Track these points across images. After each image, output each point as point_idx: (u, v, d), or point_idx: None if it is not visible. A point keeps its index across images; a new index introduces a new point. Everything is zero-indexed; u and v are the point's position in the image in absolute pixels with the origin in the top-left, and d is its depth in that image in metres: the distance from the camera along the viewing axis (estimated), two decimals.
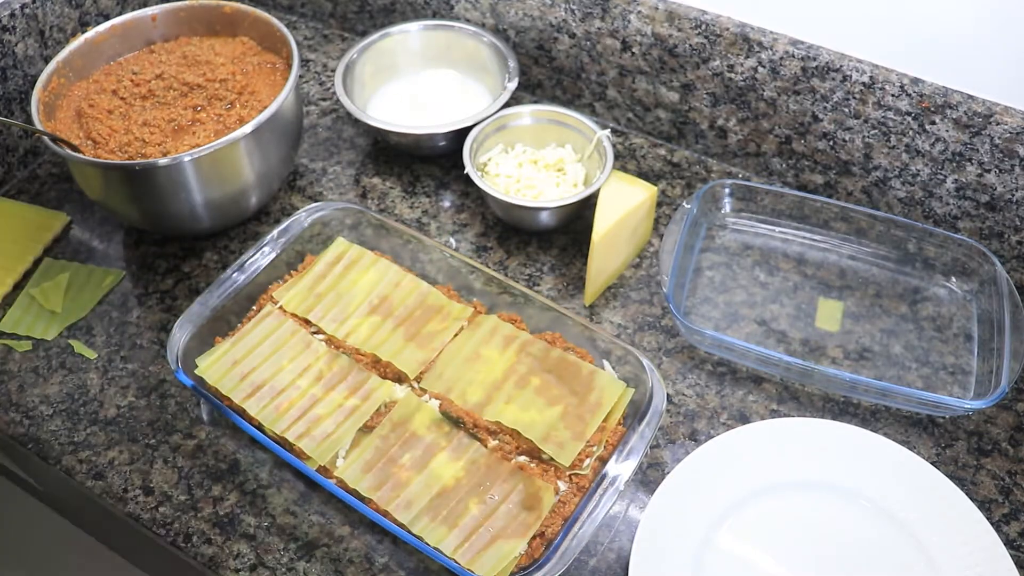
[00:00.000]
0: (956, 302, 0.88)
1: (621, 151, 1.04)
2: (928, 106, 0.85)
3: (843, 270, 0.91)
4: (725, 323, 0.87)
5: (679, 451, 0.79)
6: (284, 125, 0.91)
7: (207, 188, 0.87)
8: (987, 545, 0.70)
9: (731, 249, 0.93)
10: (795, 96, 0.92)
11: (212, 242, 0.95)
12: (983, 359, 0.83)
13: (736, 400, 0.82)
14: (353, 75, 1.03)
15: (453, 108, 1.04)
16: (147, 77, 0.94)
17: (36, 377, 0.84)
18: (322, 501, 0.76)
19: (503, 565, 0.68)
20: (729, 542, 0.72)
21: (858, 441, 0.76)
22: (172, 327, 0.80)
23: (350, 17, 1.18)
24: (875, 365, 0.84)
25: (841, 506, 0.74)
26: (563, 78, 1.06)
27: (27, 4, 0.98)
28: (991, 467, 0.78)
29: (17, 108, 1.01)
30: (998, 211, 0.88)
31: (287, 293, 0.85)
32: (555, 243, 0.95)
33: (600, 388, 0.77)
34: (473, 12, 1.07)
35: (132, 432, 0.80)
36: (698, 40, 0.94)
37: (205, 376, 0.78)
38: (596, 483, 0.71)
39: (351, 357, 0.80)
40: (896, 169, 0.91)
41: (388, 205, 0.99)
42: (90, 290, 0.91)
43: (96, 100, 0.91)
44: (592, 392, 0.77)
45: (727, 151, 1.01)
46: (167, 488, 0.77)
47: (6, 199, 0.99)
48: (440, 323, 0.83)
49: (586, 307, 0.89)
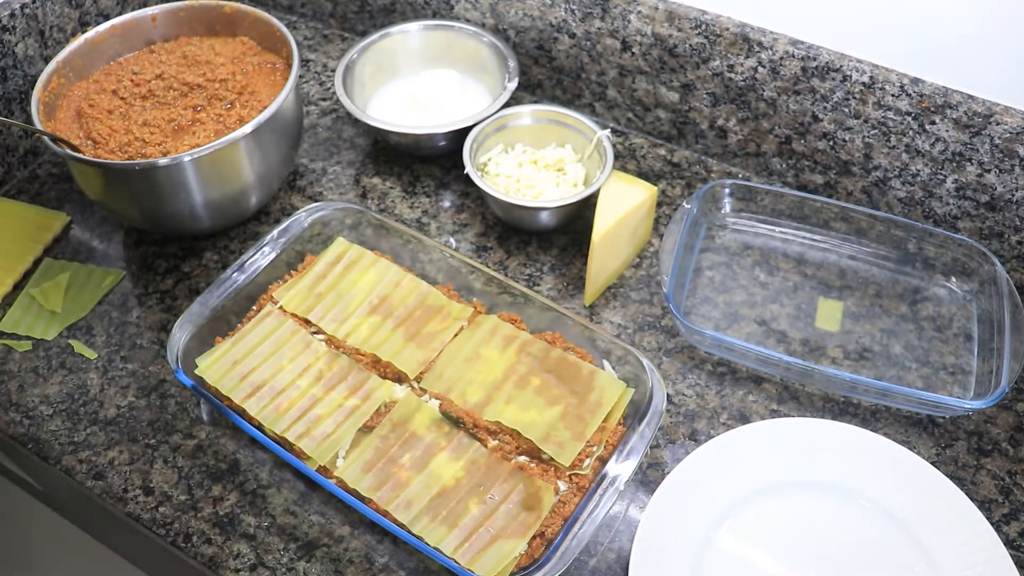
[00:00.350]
0: (956, 302, 0.88)
1: (621, 151, 1.04)
2: (928, 106, 0.85)
3: (843, 270, 0.91)
4: (725, 323, 0.87)
5: (679, 451, 0.79)
6: (284, 125, 0.91)
7: (207, 188, 0.87)
8: (987, 545, 0.70)
9: (731, 249, 0.93)
10: (795, 96, 0.92)
11: (212, 242, 0.95)
12: (983, 359, 0.83)
13: (736, 400, 0.82)
14: (353, 75, 1.03)
15: (453, 108, 1.04)
16: (147, 77, 0.94)
17: (36, 377, 0.84)
18: (322, 501, 0.76)
19: (503, 565, 0.68)
20: (729, 542, 0.72)
21: (858, 441, 0.76)
22: (172, 327, 0.80)
23: (350, 17, 1.18)
24: (875, 365, 0.84)
25: (841, 506, 0.74)
26: (563, 78, 1.06)
27: (27, 4, 0.98)
28: (991, 467, 0.78)
29: (17, 108, 1.01)
30: (998, 211, 0.88)
31: (287, 293, 0.85)
32: (555, 243, 0.95)
33: (600, 388, 0.77)
34: (473, 12, 1.07)
35: (132, 432, 0.80)
36: (698, 40, 0.94)
37: (205, 376, 0.78)
38: (596, 483, 0.71)
39: (351, 357, 0.80)
40: (896, 169, 0.91)
41: (388, 205, 0.99)
42: (90, 290, 0.91)
43: (96, 100, 0.91)
44: (592, 392, 0.77)
45: (727, 151, 1.01)
46: (167, 488, 0.77)
47: (6, 199, 0.99)
48: (440, 323, 0.83)
49: (586, 307, 0.89)
